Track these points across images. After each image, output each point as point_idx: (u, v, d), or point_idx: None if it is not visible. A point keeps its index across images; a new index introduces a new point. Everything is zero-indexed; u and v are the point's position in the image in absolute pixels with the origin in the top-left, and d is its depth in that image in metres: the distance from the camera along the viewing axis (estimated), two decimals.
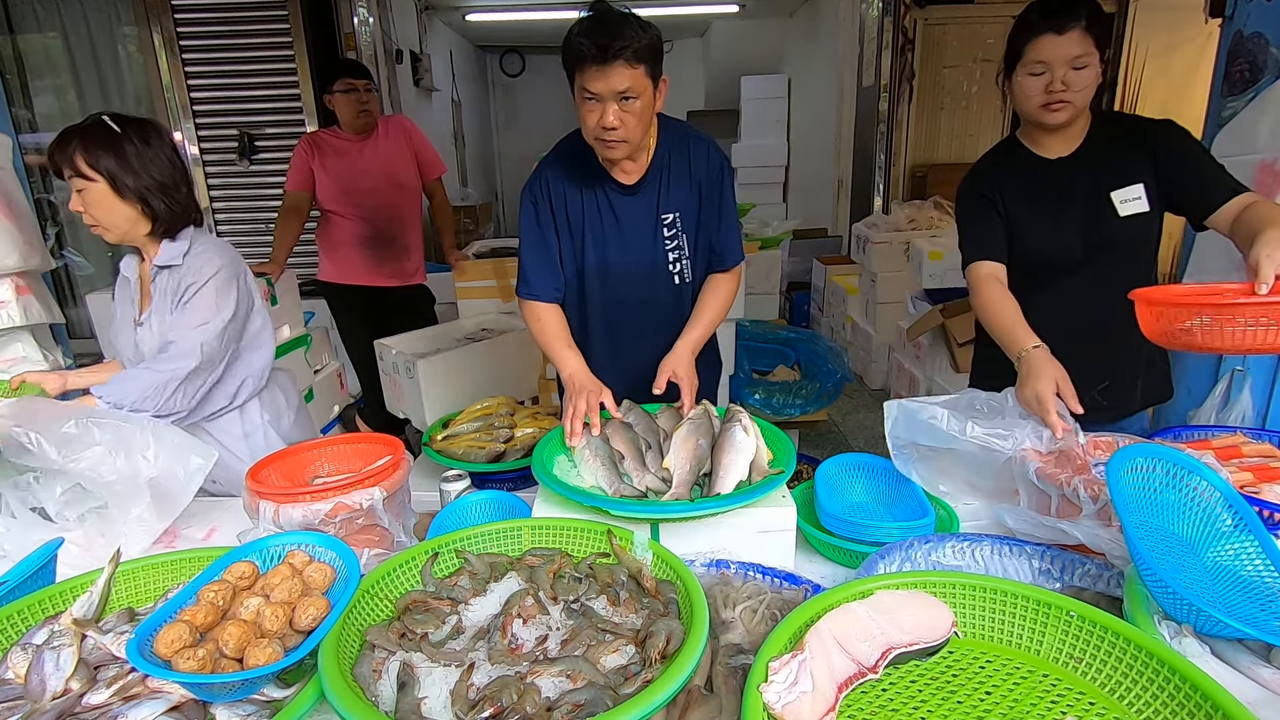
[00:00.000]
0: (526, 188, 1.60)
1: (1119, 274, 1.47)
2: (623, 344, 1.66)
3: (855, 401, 4.35)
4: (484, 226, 5.99)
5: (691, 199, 1.58)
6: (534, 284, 1.61)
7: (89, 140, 1.43)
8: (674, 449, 1.24)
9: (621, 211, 1.57)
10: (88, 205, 1.46)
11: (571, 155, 1.57)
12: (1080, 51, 1.37)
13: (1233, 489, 0.97)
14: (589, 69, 1.33)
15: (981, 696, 0.79)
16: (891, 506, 1.30)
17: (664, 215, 1.58)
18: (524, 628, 0.91)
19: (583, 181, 1.56)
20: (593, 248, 1.59)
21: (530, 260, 1.60)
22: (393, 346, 2.31)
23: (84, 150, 1.42)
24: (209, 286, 1.52)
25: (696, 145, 1.57)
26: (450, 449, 1.66)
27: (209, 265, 1.53)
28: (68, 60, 4.00)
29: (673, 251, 1.61)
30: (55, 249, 4.12)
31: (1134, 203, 1.49)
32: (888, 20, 4.75)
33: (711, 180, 1.58)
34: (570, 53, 1.35)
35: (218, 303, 1.53)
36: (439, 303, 3.46)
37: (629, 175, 1.54)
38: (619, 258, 1.60)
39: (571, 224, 1.59)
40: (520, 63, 8.41)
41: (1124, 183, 1.49)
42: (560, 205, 1.57)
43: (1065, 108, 1.42)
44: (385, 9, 4.58)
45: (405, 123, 3.21)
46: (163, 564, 1.08)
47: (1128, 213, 1.49)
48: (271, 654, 0.83)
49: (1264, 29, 1.63)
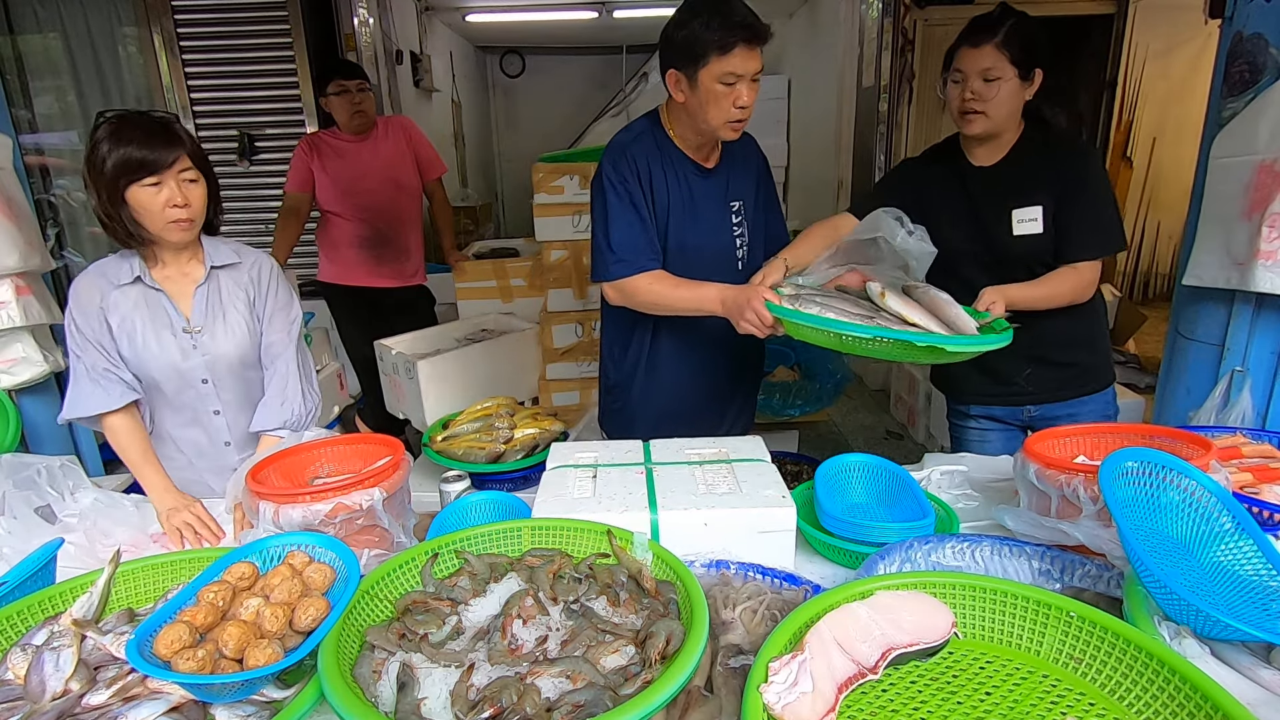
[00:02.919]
0: (609, 170, 1.59)
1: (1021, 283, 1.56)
2: (692, 323, 1.68)
3: (855, 402, 4.35)
4: (484, 227, 5.98)
5: (751, 186, 1.72)
6: (635, 259, 1.57)
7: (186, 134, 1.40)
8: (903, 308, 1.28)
9: (699, 194, 1.64)
10: (194, 199, 1.40)
11: (648, 139, 1.61)
12: (990, 64, 1.49)
13: (1223, 489, 0.97)
14: (738, 50, 1.43)
15: (981, 697, 0.79)
16: (891, 507, 1.30)
17: (732, 201, 1.68)
18: (524, 628, 0.91)
19: (665, 164, 1.60)
20: (674, 228, 1.63)
21: (628, 237, 1.58)
22: (393, 347, 2.31)
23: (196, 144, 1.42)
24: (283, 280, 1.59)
25: (748, 139, 1.70)
26: (450, 449, 1.66)
27: (264, 259, 1.58)
28: (68, 60, 3.99)
29: (739, 236, 1.70)
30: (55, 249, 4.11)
31: (1030, 223, 1.58)
32: (888, 21, 4.74)
33: (764, 171, 1.76)
34: (708, 39, 1.43)
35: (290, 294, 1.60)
36: (439, 303, 3.46)
37: (709, 159, 1.64)
38: (694, 239, 1.65)
39: (657, 205, 1.61)
40: (520, 63, 8.40)
41: (1025, 202, 1.58)
42: (648, 185, 1.59)
43: (978, 118, 1.54)
44: (385, 10, 4.58)
45: (405, 123, 3.21)
46: (162, 564, 1.08)
47: (1021, 232, 1.59)
48: (271, 655, 0.83)
49: (1264, 30, 1.62)
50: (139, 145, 1.33)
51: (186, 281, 1.49)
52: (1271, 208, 1.54)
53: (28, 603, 0.98)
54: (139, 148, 1.33)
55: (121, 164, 1.33)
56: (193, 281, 1.49)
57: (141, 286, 1.46)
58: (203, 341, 1.49)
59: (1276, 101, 1.59)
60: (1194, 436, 1.15)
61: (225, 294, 1.52)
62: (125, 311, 1.45)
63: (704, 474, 1.25)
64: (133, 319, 1.45)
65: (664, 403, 1.76)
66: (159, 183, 1.35)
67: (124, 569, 1.05)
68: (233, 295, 1.52)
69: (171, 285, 1.48)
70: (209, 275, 1.50)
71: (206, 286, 1.50)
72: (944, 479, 1.46)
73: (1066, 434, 1.27)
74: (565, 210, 2.59)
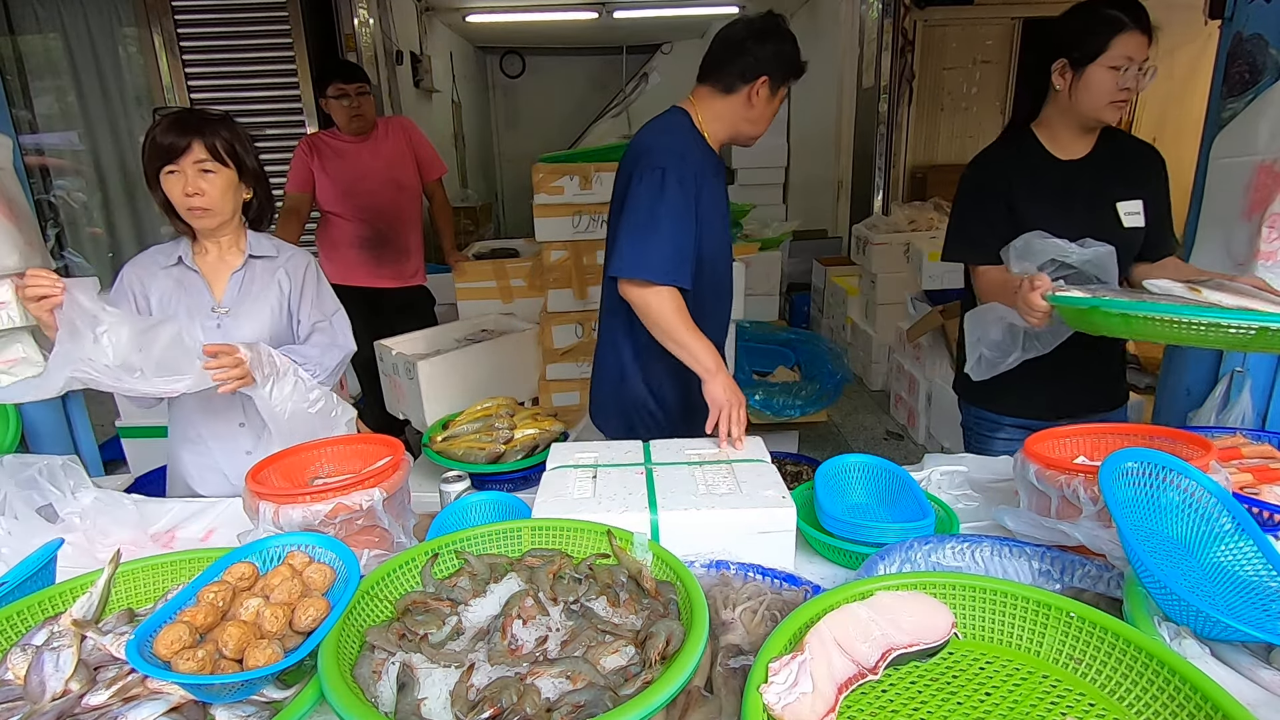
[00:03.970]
0: (672, 167, 1.51)
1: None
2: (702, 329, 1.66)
3: (855, 402, 4.35)
4: (484, 227, 5.98)
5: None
6: (679, 270, 1.51)
7: (220, 128, 1.47)
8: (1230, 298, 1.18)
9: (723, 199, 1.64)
10: (211, 189, 1.46)
11: (690, 140, 1.59)
12: (1146, 53, 1.43)
13: (1223, 489, 0.97)
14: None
15: (981, 698, 0.79)
16: (891, 507, 1.30)
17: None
18: (524, 628, 0.91)
19: (707, 169, 1.58)
20: (706, 235, 1.60)
21: (678, 243, 1.50)
22: (393, 347, 2.31)
23: (220, 137, 1.46)
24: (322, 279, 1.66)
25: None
26: (450, 450, 1.66)
27: (301, 251, 1.64)
28: (68, 61, 3.99)
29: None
30: (55, 249, 4.12)
31: (1135, 216, 1.54)
32: (887, 21, 4.75)
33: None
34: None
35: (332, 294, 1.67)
36: (439, 303, 3.46)
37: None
38: (715, 247, 1.64)
39: (701, 211, 1.56)
40: (520, 64, 8.40)
41: (1130, 195, 1.53)
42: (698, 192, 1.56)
43: (1126, 106, 1.46)
44: (385, 10, 4.58)
45: (405, 124, 3.21)
46: (162, 565, 1.08)
47: (1131, 224, 1.53)
48: (271, 655, 0.83)
49: (1264, 30, 1.62)
50: (163, 133, 1.43)
51: (224, 267, 1.58)
52: (1271, 208, 1.54)
53: (28, 603, 0.98)
54: (162, 135, 1.43)
55: (150, 151, 1.45)
56: (230, 268, 1.58)
57: (182, 268, 1.57)
58: (227, 322, 1.56)
59: (1276, 102, 1.59)
60: (1194, 437, 1.15)
61: (259, 282, 1.59)
62: (166, 290, 1.56)
63: (704, 474, 1.25)
64: (171, 297, 1.55)
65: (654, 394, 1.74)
66: (176, 170, 1.44)
67: (124, 569, 1.05)
68: (266, 285, 1.59)
69: (209, 269, 1.58)
70: (246, 263, 1.59)
71: (243, 273, 1.58)
72: (944, 479, 1.46)
73: (1066, 434, 1.27)
74: (565, 210, 2.59)
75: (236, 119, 1.53)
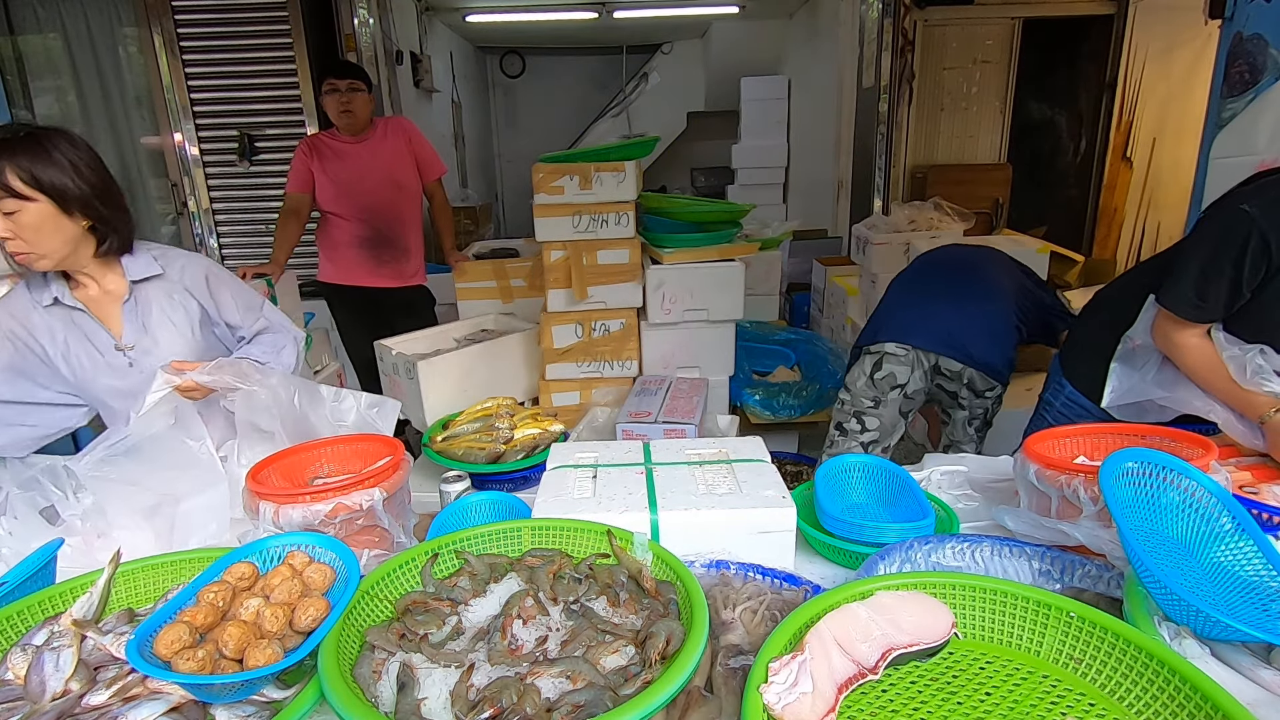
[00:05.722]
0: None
1: None
2: None
3: None
4: (484, 227, 5.99)
5: None
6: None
7: (17, 153, 1.18)
8: None
9: None
10: (22, 229, 1.20)
11: None
12: None
13: (1223, 489, 0.97)
14: None
15: (981, 697, 0.79)
16: (891, 507, 1.30)
17: None
18: (524, 628, 0.91)
19: None
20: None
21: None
22: (393, 347, 2.31)
23: (15, 165, 1.17)
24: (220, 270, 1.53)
25: None
26: (450, 450, 1.67)
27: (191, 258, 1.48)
28: (68, 61, 4.00)
29: None
30: None
31: None
32: (887, 21, 4.74)
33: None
34: None
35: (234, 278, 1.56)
36: (439, 303, 3.46)
37: None
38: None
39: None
40: (520, 64, 8.40)
41: None
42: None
43: None
44: (385, 10, 4.58)
45: (405, 124, 3.22)
46: (162, 565, 1.08)
47: None
48: (271, 655, 0.83)
49: (1264, 30, 1.62)
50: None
51: (109, 300, 1.41)
52: None
53: (28, 603, 0.98)
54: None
55: None
56: (116, 299, 1.41)
57: (63, 308, 1.37)
58: (138, 359, 1.42)
59: (1276, 102, 1.59)
60: (1194, 437, 1.15)
61: (158, 308, 1.43)
62: (58, 334, 1.37)
63: (704, 474, 1.25)
64: (66, 341, 1.38)
65: None
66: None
67: (124, 569, 1.05)
68: (166, 307, 1.43)
69: (96, 305, 1.40)
70: (131, 291, 1.42)
71: (132, 301, 1.42)
72: (944, 479, 1.46)
73: (1066, 434, 1.27)
74: (565, 210, 2.59)
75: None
